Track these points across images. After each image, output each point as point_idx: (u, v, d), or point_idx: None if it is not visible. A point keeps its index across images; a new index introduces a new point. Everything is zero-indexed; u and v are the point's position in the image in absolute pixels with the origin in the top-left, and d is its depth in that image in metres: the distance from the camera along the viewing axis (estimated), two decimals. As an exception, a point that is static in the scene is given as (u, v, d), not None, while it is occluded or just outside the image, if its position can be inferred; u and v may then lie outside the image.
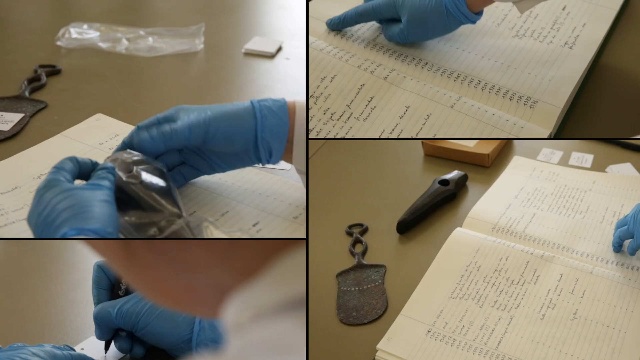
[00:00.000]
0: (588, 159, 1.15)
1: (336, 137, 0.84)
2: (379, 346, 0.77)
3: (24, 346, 0.78)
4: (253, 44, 1.33)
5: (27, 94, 1.14)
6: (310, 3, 1.00)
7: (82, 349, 0.87)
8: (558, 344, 0.76)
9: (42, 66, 1.23)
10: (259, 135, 0.83)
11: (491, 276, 0.86)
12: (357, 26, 0.96)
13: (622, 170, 1.11)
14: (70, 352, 0.80)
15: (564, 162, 1.15)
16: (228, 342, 0.36)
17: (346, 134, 0.84)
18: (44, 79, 1.19)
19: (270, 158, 0.84)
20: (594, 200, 1.02)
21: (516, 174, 1.11)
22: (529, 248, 0.90)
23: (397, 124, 0.84)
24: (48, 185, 0.72)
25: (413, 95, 0.87)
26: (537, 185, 1.07)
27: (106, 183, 0.75)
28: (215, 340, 0.82)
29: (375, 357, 0.77)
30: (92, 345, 0.88)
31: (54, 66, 1.24)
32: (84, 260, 1.08)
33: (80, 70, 1.25)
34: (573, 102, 0.89)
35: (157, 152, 0.83)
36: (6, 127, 1.04)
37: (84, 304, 0.97)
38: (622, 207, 0.99)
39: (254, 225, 0.84)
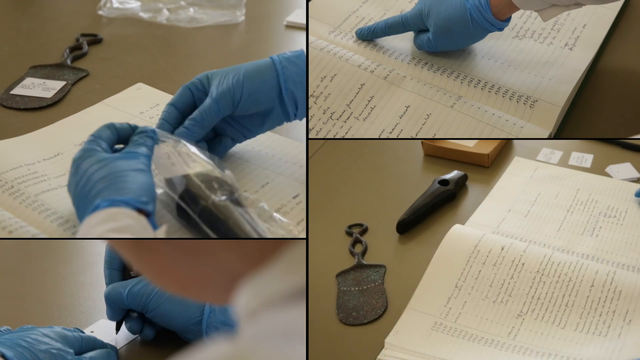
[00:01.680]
0: (588, 159, 1.15)
1: (336, 136, 0.84)
2: (387, 340, 0.77)
3: (34, 328, 0.78)
4: (295, 17, 1.31)
5: (68, 62, 1.15)
6: (310, 3, 1.00)
7: (92, 331, 0.87)
8: (567, 333, 0.77)
9: (83, 35, 1.24)
10: (283, 87, 0.82)
11: (499, 269, 0.86)
12: (359, 25, 0.96)
13: (622, 170, 1.11)
14: (80, 334, 0.80)
15: (563, 162, 1.15)
16: (242, 329, 0.36)
17: (346, 133, 0.84)
18: (85, 47, 1.20)
19: (297, 111, 0.84)
20: (594, 201, 1.02)
21: (517, 175, 1.10)
22: (529, 246, 0.90)
23: (397, 124, 0.84)
24: (84, 156, 0.72)
25: (413, 95, 0.87)
26: (538, 188, 1.07)
27: (143, 150, 0.74)
28: (225, 323, 0.81)
29: (383, 350, 0.77)
30: (102, 328, 0.88)
31: (95, 35, 1.25)
32: (93, 243, 1.08)
33: (121, 39, 1.25)
34: (573, 102, 0.89)
35: (197, 139, 0.83)
36: (48, 95, 1.06)
37: (93, 287, 0.97)
38: (626, 209, 1.00)
39: (294, 197, 0.84)
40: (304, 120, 0.86)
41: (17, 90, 1.06)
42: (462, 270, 0.86)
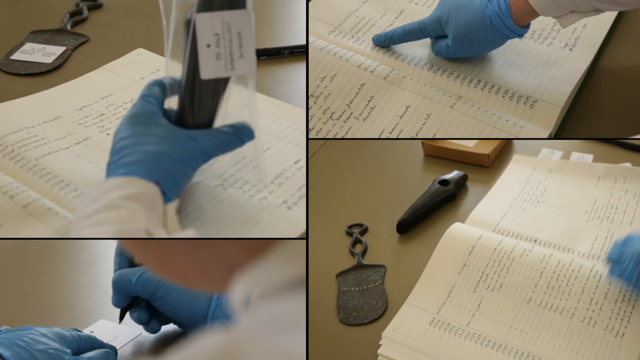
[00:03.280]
0: (588, 159, 1.15)
1: (336, 136, 0.84)
2: (384, 334, 0.77)
3: (32, 327, 0.78)
4: None
5: (69, 27, 1.15)
6: (310, 3, 1.00)
7: (92, 331, 0.86)
8: (558, 339, 0.77)
9: (83, 0, 1.25)
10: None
11: (494, 267, 0.86)
12: (358, 25, 0.96)
13: (622, 170, 1.11)
14: (78, 334, 0.80)
15: (563, 162, 1.15)
16: (238, 319, 0.36)
17: (346, 133, 0.84)
18: (85, 13, 1.21)
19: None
20: (595, 199, 1.02)
21: (517, 173, 1.10)
22: (528, 245, 0.90)
23: (397, 124, 0.84)
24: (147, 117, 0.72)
25: (413, 95, 0.87)
26: (539, 185, 1.07)
27: (201, 145, 0.73)
28: (230, 317, 0.81)
29: (380, 345, 0.77)
30: (101, 328, 0.88)
31: (95, 0, 1.25)
32: (93, 244, 1.08)
33: (121, 4, 1.25)
34: (573, 102, 0.89)
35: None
36: (49, 60, 1.06)
37: (93, 287, 0.97)
38: (627, 206, 0.99)
39: (296, 162, 0.85)
40: (305, 102, 0.86)
41: (17, 56, 1.07)
42: (460, 268, 0.86)
